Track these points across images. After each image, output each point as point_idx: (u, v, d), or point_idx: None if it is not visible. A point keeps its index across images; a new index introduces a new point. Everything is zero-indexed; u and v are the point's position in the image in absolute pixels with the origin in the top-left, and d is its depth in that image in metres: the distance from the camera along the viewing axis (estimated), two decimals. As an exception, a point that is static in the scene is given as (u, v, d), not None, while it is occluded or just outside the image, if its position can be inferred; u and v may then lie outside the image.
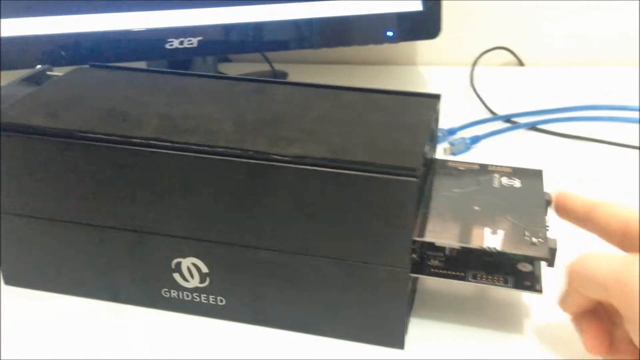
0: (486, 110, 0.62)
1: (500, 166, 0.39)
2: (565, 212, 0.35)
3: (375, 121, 0.35)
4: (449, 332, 0.34)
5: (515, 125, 0.58)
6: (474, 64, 0.70)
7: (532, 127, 0.58)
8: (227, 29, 0.56)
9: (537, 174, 0.39)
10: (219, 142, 0.32)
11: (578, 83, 0.68)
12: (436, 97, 0.39)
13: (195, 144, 0.31)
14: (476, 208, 0.35)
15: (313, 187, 0.31)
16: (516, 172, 0.39)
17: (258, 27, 0.56)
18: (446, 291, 0.37)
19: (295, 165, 0.31)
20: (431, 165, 0.38)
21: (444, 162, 0.40)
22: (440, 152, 0.52)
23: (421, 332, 0.34)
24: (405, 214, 0.30)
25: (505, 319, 0.35)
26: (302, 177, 0.31)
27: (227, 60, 0.74)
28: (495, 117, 0.60)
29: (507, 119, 0.59)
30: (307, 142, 0.32)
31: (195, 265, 0.34)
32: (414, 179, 0.30)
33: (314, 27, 0.58)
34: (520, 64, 0.75)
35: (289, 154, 0.31)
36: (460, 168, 0.39)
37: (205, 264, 0.34)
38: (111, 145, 0.32)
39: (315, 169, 0.30)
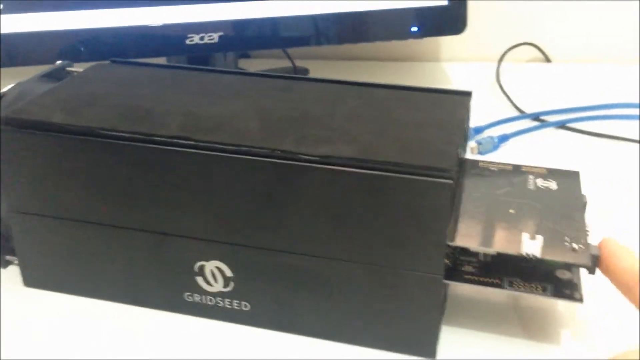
0: (513, 108, 0.60)
1: (535, 167, 0.38)
2: (608, 272, 0.29)
3: (406, 120, 0.34)
4: (481, 341, 0.33)
5: (544, 124, 0.56)
6: (500, 60, 0.68)
7: (561, 125, 0.56)
8: (248, 24, 0.54)
9: (573, 175, 0.37)
10: (245, 141, 0.30)
11: (606, 80, 0.66)
12: (468, 95, 0.37)
13: (220, 143, 0.30)
14: (511, 211, 0.33)
15: (342, 189, 0.29)
16: (552, 173, 0.37)
17: (279, 22, 0.55)
18: (476, 297, 0.36)
19: (324, 165, 0.29)
20: (462, 166, 0.37)
21: (474, 162, 0.38)
22: (467, 152, 0.50)
23: (453, 340, 0.33)
24: (439, 218, 0.29)
25: (539, 328, 0.34)
26: (331, 178, 0.29)
27: (247, 56, 0.73)
28: (523, 115, 0.58)
29: (535, 117, 0.58)
30: (336, 141, 0.31)
31: (219, 269, 0.32)
32: (449, 181, 0.28)
33: (337, 23, 0.57)
34: (547, 60, 0.73)
35: (317, 154, 0.29)
36: (493, 169, 0.38)
37: (230, 268, 0.32)
38: (133, 143, 0.31)
39: (344, 170, 0.29)
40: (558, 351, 0.32)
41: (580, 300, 0.31)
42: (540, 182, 0.36)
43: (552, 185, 0.36)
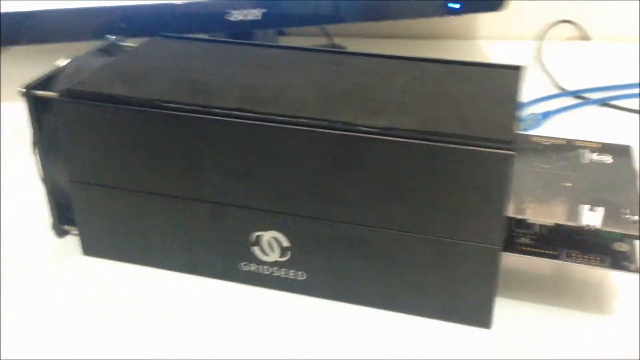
0: (554, 86, 0.59)
1: (587, 141, 0.38)
2: None
3: (461, 93, 0.34)
4: (534, 312, 0.33)
5: (586, 101, 0.56)
6: (540, 38, 0.68)
7: (604, 103, 0.56)
8: (291, 1, 0.54)
9: (626, 150, 0.37)
10: (304, 112, 0.31)
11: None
12: (519, 69, 0.37)
13: (280, 115, 0.31)
14: (567, 184, 0.33)
15: (402, 160, 0.30)
16: (604, 148, 0.37)
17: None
18: (526, 269, 0.36)
19: (383, 136, 0.29)
20: (521, 139, 0.37)
21: (526, 137, 0.39)
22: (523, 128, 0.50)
23: (505, 311, 0.33)
24: (500, 189, 0.29)
25: (591, 299, 0.34)
26: (390, 150, 0.30)
27: (282, 33, 0.73)
28: (564, 92, 0.58)
29: (577, 94, 0.57)
30: (394, 113, 0.31)
31: (276, 239, 0.33)
32: (511, 152, 0.28)
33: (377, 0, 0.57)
34: (587, 38, 0.72)
35: (376, 126, 0.30)
36: (545, 143, 0.38)
37: (287, 238, 0.33)
38: (194, 115, 0.31)
39: (404, 141, 0.29)
40: (612, 322, 0.33)
41: (637, 271, 0.31)
42: (593, 156, 0.36)
43: (605, 159, 0.36)
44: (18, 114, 0.38)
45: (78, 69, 0.36)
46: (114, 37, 0.40)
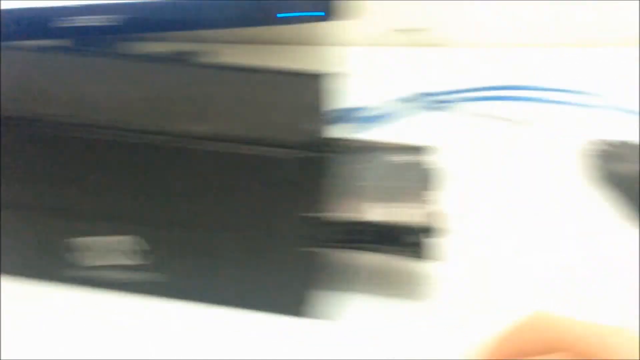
0: (395, 90, 0.63)
1: (389, 143, 0.41)
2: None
3: (268, 99, 0.36)
4: (357, 302, 0.37)
5: (425, 105, 0.61)
6: (388, 43, 0.72)
7: (440, 106, 0.60)
8: (143, 8, 0.55)
9: (423, 150, 0.41)
10: (126, 119, 0.33)
11: (496, 64, 0.70)
12: (327, 75, 0.40)
13: (101, 124, 0.32)
14: (366, 183, 0.37)
15: (212, 165, 0.32)
16: (404, 149, 0.41)
17: (170, 6, 0.56)
18: (351, 263, 0.39)
19: (188, 142, 0.32)
20: (324, 143, 0.40)
21: (337, 140, 0.42)
22: (345, 132, 0.54)
23: (326, 301, 0.36)
24: (299, 189, 0.32)
25: (406, 288, 0.38)
26: (200, 155, 0.32)
27: (140, 39, 0.73)
28: (402, 97, 0.62)
29: (414, 99, 0.62)
30: (205, 120, 0.33)
31: (109, 243, 0.35)
32: (311, 154, 0.31)
33: (222, 7, 0.58)
34: (437, 44, 0.76)
35: (181, 132, 0.32)
36: (352, 145, 0.41)
37: (122, 242, 0.35)
38: (26, 122, 0.32)
39: (211, 147, 0.32)
40: (425, 306, 0.37)
41: (430, 259, 0.35)
42: (394, 156, 0.40)
43: (404, 158, 0.40)
44: None
45: None
46: None
